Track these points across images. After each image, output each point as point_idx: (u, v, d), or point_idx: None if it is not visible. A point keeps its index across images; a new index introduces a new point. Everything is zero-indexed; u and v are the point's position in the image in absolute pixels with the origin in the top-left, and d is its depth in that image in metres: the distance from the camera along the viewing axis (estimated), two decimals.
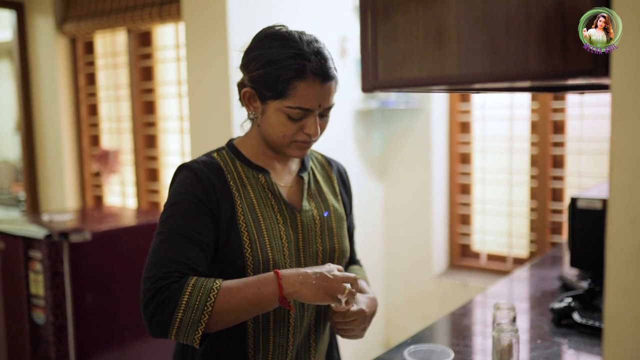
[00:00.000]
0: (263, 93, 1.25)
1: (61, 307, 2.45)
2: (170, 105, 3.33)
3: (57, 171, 3.65)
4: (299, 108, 1.23)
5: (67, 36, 3.54)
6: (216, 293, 1.14)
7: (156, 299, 1.15)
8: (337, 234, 1.40)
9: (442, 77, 0.80)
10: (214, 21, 2.69)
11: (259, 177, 1.32)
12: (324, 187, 1.44)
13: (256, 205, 1.29)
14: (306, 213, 1.35)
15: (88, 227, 2.58)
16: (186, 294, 1.14)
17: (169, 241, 1.20)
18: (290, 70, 1.21)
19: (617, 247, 0.69)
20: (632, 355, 0.70)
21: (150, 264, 1.20)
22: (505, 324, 1.42)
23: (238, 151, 1.35)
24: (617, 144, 0.68)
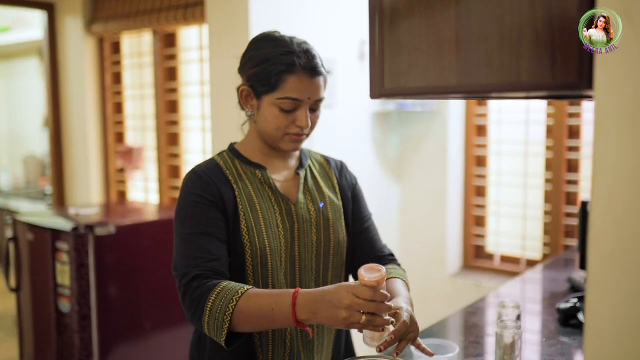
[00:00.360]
0: (258, 89, 1.37)
1: (85, 296, 2.56)
2: (193, 105, 3.42)
3: (83, 166, 3.76)
4: (289, 99, 1.34)
5: (95, 36, 3.65)
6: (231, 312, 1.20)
7: (187, 299, 1.27)
8: (333, 224, 1.48)
9: (442, 87, 0.86)
10: (236, 24, 2.77)
11: (256, 173, 1.43)
12: (322, 183, 1.52)
13: (254, 196, 1.40)
14: (301, 205, 1.44)
15: (112, 221, 2.68)
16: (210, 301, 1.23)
17: (187, 240, 1.32)
18: (281, 65, 1.34)
19: (597, 246, 0.75)
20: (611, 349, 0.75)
21: (176, 264, 1.33)
22: (508, 321, 1.47)
23: (237, 152, 1.46)
24: (598, 152, 0.74)
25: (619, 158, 0.73)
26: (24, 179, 5.85)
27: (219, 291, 1.23)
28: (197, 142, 3.40)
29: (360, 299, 1.12)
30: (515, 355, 1.44)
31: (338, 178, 1.57)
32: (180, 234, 1.35)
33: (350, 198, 1.57)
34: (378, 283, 1.14)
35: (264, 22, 2.77)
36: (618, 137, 0.73)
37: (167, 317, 2.83)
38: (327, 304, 1.14)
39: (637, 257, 0.72)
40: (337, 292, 1.14)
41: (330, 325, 1.17)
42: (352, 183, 1.60)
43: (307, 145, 2.84)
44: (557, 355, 1.63)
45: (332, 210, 1.49)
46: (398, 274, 1.54)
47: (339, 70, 3.01)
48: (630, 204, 0.72)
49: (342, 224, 1.51)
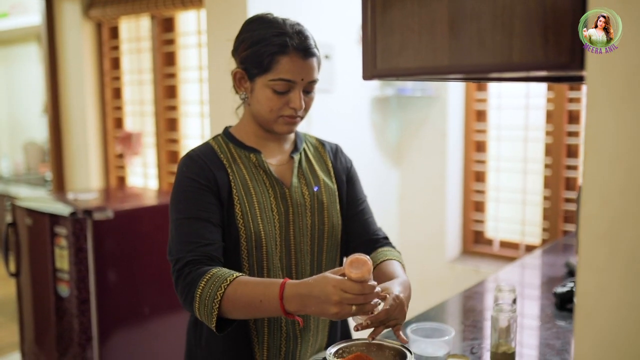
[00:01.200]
0: (251, 71, 1.37)
1: (84, 281, 2.57)
2: (191, 90, 3.41)
3: (83, 152, 3.76)
4: (282, 80, 1.33)
5: (93, 21, 3.64)
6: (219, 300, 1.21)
7: (180, 285, 1.29)
8: (328, 207, 1.48)
9: (434, 67, 0.86)
10: (234, 8, 2.75)
11: (250, 157, 1.42)
12: (316, 166, 1.52)
13: (248, 180, 1.39)
14: (295, 188, 1.44)
15: (111, 206, 2.69)
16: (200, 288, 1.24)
17: (181, 226, 1.32)
18: (273, 46, 1.33)
19: (589, 228, 0.75)
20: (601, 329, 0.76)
21: (170, 249, 1.34)
22: (504, 305, 1.47)
23: (232, 136, 1.46)
24: (590, 133, 0.74)
25: (610, 139, 0.73)
26: (24, 166, 5.86)
27: (209, 278, 1.24)
28: (195, 128, 3.40)
29: (349, 294, 1.12)
30: (511, 339, 1.44)
31: (333, 161, 1.56)
32: (174, 219, 1.35)
33: (345, 181, 1.57)
34: (364, 276, 1.14)
35: (262, 6, 2.75)
36: (609, 118, 0.72)
37: (165, 302, 2.84)
38: (315, 299, 1.14)
39: (627, 239, 0.72)
40: (325, 288, 1.13)
41: (319, 314, 1.16)
42: (347, 166, 1.60)
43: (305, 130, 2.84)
44: (553, 338, 1.63)
45: (326, 194, 1.49)
46: (394, 256, 1.52)
47: (337, 55, 2.99)
48: (621, 185, 0.72)
49: (337, 207, 1.51)
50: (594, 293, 0.75)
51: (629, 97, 0.71)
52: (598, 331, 0.76)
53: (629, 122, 0.71)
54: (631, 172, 0.71)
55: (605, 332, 0.75)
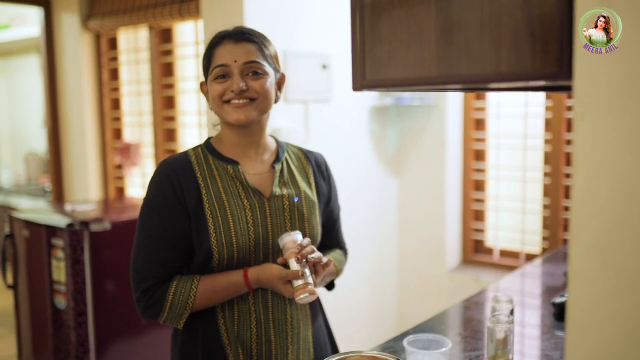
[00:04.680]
0: (205, 77, 1.46)
1: (81, 293, 2.56)
2: (189, 100, 3.42)
3: (82, 163, 3.76)
4: (218, 66, 1.40)
5: (91, 32, 3.65)
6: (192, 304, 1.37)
7: (142, 302, 1.38)
8: (308, 219, 1.48)
9: (422, 78, 0.85)
10: (231, 19, 2.76)
11: (228, 168, 1.44)
12: (297, 176, 1.53)
13: (223, 194, 1.41)
14: (275, 199, 1.45)
15: (108, 217, 2.68)
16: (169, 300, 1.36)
17: (145, 244, 1.39)
18: (211, 45, 1.44)
19: (579, 239, 0.74)
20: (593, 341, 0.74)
21: (133, 265, 1.40)
22: (501, 316, 1.46)
23: (212, 146, 1.48)
24: (578, 142, 0.73)
25: (598, 149, 0.72)
26: (25, 176, 5.86)
27: (173, 293, 1.36)
28: (193, 138, 3.40)
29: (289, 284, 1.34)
30: (508, 350, 1.43)
31: (315, 172, 1.57)
32: (141, 232, 1.40)
33: (326, 193, 1.58)
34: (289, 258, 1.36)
35: (259, 16, 2.76)
36: (597, 127, 0.72)
37: None
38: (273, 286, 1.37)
39: (617, 250, 0.71)
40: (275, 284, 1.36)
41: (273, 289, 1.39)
42: (328, 177, 1.61)
43: (304, 139, 2.84)
44: (552, 349, 1.62)
45: (306, 204, 1.49)
46: (333, 257, 1.59)
47: (335, 64, 2.99)
48: (612, 196, 0.71)
49: (317, 218, 1.52)
50: (585, 305, 0.74)
51: (617, 106, 0.70)
52: (590, 344, 0.74)
53: (618, 131, 0.70)
54: (621, 182, 0.70)
55: (597, 345, 0.74)
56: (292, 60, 2.79)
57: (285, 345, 1.45)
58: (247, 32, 1.44)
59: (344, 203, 1.83)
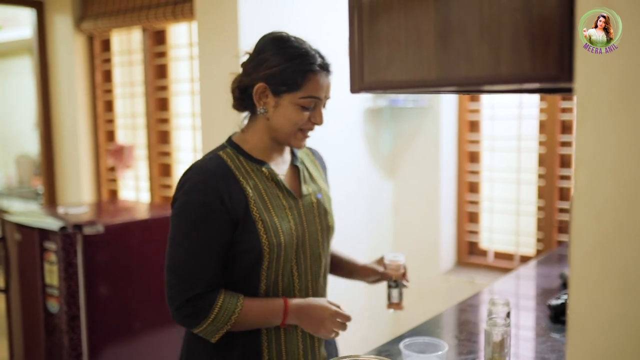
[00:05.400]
0: (277, 88, 1.42)
1: (74, 297, 2.53)
2: (183, 103, 3.40)
3: (74, 165, 3.73)
4: (311, 97, 1.43)
5: (84, 34, 3.63)
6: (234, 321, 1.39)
7: (186, 310, 1.38)
8: (330, 213, 1.59)
9: (421, 81, 0.84)
10: (225, 20, 2.75)
11: (263, 170, 1.47)
12: (313, 173, 1.62)
13: (265, 195, 1.45)
14: (306, 197, 1.53)
15: (101, 220, 2.66)
16: (214, 312, 1.37)
17: (192, 252, 1.38)
18: (306, 65, 1.42)
19: (580, 242, 0.73)
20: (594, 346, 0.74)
21: (176, 272, 1.39)
22: (497, 319, 1.46)
23: (240, 147, 1.49)
24: (579, 144, 0.73)
25: (599, 151, 0.71)
26: (17, 179, 5.82)
27: (220, 306, 1.38)
28: (187, 141, 3.38)
29: (338, 323, 1.43)
30: (505, 353, 1.42)
31: (322, 168, 1.69)
32: (185, 240, 1.38)
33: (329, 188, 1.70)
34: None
35: (253, 18, 2.75)
36: (599, 129, 0.71)
37: (157, 318, 2.81)
38: (311, 321, 1.43)
39: (619, 252, 0.70)
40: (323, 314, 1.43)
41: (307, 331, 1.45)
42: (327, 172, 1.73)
43: None
44: (548, 352, 1.61)
45: (326, 199, 1.60)
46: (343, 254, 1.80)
47: None
48: (614, 198, 0.70)
49: (333, 211, 1.63)
50: (586, 309, 0.73)
51: (619, 108, 0.69)
52: (591, 348, 0.74)
53: (619, 133, 0.70)
54: (623, 185, 0.69)
55: (598, 349, 0.73)
56: None
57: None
58: (330, 64, 1.49)
59: (338, 205, 1.85)
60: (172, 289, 1.39)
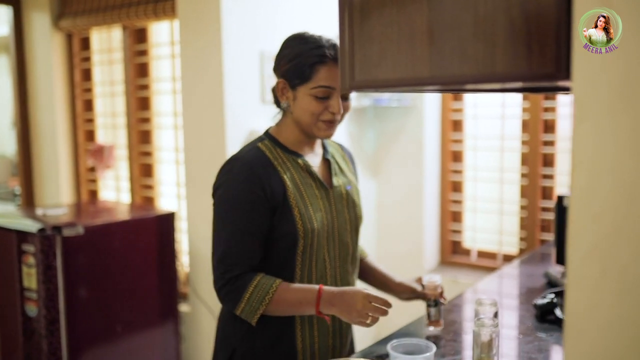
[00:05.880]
0: (293, 81, 1.52)
1: (53, 300, 2.48)
2: (165, 102, 3.35)
3: (53, 166, 3.67)
4: (322, 87, 1.49)
5: (63, 32, 3.56)
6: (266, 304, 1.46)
7: (227, 288, 1.48)
8: (358, 204, 1.69)
9: (414, 79, 0.83)
10: (207, 19, 2.71)
11: (298, 161, 1.57)
12: (343, 166, 1.71)
13: (300, 184, 1.55)
14: (336, 189, 1.63)
15: (81, 222, 2.61)
16: (249, 290, 1.46)
17: (234, 237, 1.48)
18: (313, 57, 1.49)
19: (577, 243, 0.72)
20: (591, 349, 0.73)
21: (220, 256, 1.49)
22: (485, 319, 1.45)
23: (276, 140, 1.59)
24: (577, 144, 0.71)
25: (598, 151, 0.70)
26: None
27: (256, 285, 1.46)
28: (169, 140, 3.33)
29: (371, 305, 1.44)
30: (493, 354, 1.42)
31: (351, 162, 1.78)
32: (228, 226, 1.49)
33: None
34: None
35: (236, 16, 2.71)
36: (597, 129, 0.70)
37: (139, 320, 2.76)
38: (344, 303, 1.44)
39: (617, 255, 0.69)
40: (355, 296, 1.44)
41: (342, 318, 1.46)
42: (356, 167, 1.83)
43: None
44: (535, 352, 1.61)
45: (355, 192, 1.70)
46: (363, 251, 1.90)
47: None
48: (612, 199, 0.69)
49: (361, 202, 1.72)
50: (584, 312, 0.72)
51: (618, 108, 0.68)
52: (589, 349, 0.73)
53: (619, 133, 0.69)
54: (622, 185, 0.68)
55: (596, 351, 0.72)
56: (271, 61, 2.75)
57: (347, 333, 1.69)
58: None
59: None
60: (215, 272, 1.50)
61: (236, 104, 2.75)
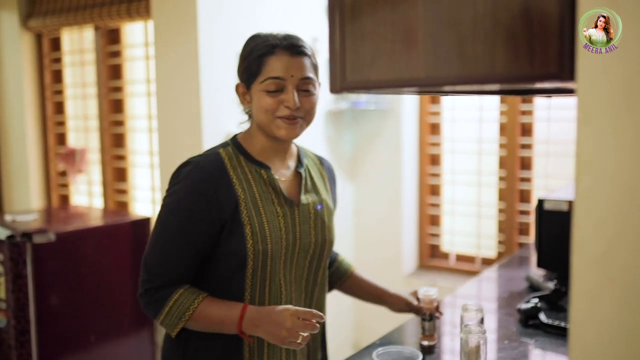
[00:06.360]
0: (247, 82, 1.42)
1: (24, 310, 2.40)
2: (139, 104, 3.28)
3: (22, 170, 3.57)
4: (271, 78, 1.36)
5: (32, 32, 3.46)
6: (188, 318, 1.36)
7: (145, 299, 1.39)
8: (329, 226, 1.53)
9: (409, 80, 0.79)
10: (183, 19, 2.65)
11: (261, 173, 1.43)
12: (318, 183, 1.56)
13: (258, 199, 1.40)
14: (303, 207, 1.47)
15: (52, 228, 2.53)
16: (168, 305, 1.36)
17: (163, 245, 1.38)
18: (260, 50, 1.38)
19: (582, 250, 0.70)
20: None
21: (145, 261, 1.39)
22: (472, 326, 1.43)
23: (242, 147, 1.45)
24: (582, 147, 0.69)
25: (602, 155, 0.67)
26: None
27: (176, 299, 1.36)
28: (144, 143, 3.26)
29: (300, 323, 1.29)
30: None
31: (329, 179, 1.63)
32: (161, 231, 1.38)
33: (336, 201, 1.65)
34: None
35: (213, 17, 2.66)
36: (602, 132, 0.67)
37: (113, 329, 2.69)
38: (271, 323, 1.31)
39: (624, 262, 0.67)
40: (282, 314, 1.30)
41: (270, 341, 1.33)
42: (336, 193, 1.67)
43: None
44: (521, 357, 1.59)
45: (327, 212, 1.54)
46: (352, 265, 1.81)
47: None
48: (618, 205, 0.66)
49: (334, 225, 1.57)
50: (589, 322, 0.69)
51: (622, 110, 0.66)
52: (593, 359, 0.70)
53: (623, 136, 0.66)
54: (629, 191, 0.66)
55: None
56: None
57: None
58: (302, 45, 1.40)
59: None
60: (140, 277, 1.40)
61: (213, 106, 2.69)
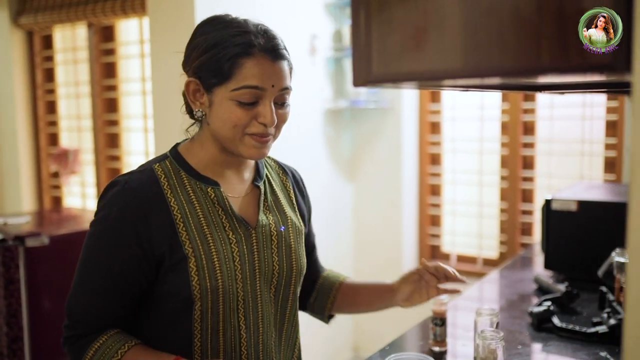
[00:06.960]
0: (208, 81, 1.11)
1: (16, 316, 2.33)
2: (134, 103, 3.22)
3: (13, 172, 3.50)
4: (248, 87, 1.09)
5: (23, 29, 3.39)
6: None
7: (66, 346, 1.17)
8: (295, 250, 1.25)
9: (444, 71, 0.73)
10: (180, 16, 2.59)
11: (208, 191, 1.16)
12: (281, 198, 1.29)
13: (204, 225, 1.13)
14: (262, 228, 1.20)
15: (45, 231, 2.47)
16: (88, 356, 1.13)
17: (84, 285, 1.14)
18: (235, 47, 1.09)
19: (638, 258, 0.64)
20: None
21: (68, 302, 1.16)
22: (488, 331, 1.38)
23: (183, 160, 1.18)
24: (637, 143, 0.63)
25: None
26: None
27: (97, 349, 1.12)
28: (139, 144, 3.20)
29: None
30: None
31: (295, 192, 1.36)
32: (82, 268, 1.13)
33: (306, 214, 1.38)
34: None
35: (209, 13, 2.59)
36: None
37: None
38: None
39: None
40: None
41: None
42: (308, 197, 1.41)
43: None
44: None
45: (293, 233, 1.26)
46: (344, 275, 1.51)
47: None
48: None
49: (303, 248, 1.29)
50: None
51: None
52: None
53: None
54: None
55: None
56: None
57: None
58: (282, 46, 1.15)
59: None
60: (66, 320, 1.17)
61: None
